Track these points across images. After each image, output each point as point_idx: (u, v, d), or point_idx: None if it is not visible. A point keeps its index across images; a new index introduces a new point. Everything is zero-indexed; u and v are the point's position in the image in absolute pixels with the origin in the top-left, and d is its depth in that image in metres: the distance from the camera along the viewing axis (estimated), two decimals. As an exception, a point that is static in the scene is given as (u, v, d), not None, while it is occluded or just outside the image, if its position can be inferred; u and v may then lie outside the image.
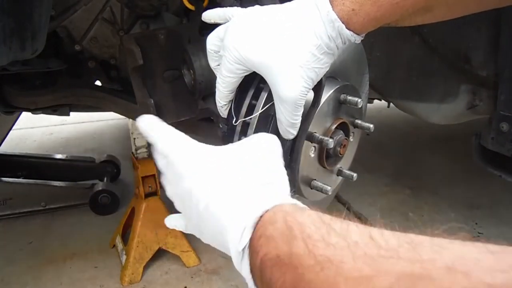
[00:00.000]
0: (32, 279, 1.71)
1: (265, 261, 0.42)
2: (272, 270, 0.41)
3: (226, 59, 0.62)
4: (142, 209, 1.72)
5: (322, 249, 0.38)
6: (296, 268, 0.38)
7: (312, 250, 0.38)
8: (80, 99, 1.39)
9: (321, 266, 0.36)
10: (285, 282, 0.39)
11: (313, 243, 0.38)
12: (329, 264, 0.36)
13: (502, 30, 1.31)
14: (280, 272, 0.40)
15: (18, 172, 2.20)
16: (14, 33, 0.85)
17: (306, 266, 0.38)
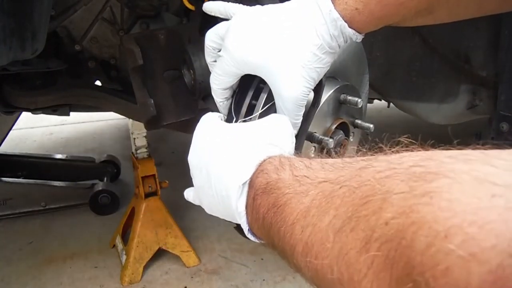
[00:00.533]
0: (32, 279, 1.71)
1: (257, 190, 0.49)
2: (261, 196, 0.48)
3: (224, 61, 0.63)
4: (142, 209, 1.72)
5: (303, 171, 0.46)
6: (279, 188, 0.46)
7: (295, 174, 0.46)
8: (80, 99, 1.39)
9: (299, 183, 0.45)
10: (268, 203, 0.47)
11: (296, 170, 0.47)
12: (305, 178, 0.45)
13: (502, 30, 1.31)
14: (266, 196, 0.47)
15: (18, 172, 2.20)
16: (14, 33, 0.85)
17: (288, 185, 0.46)
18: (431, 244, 0.27)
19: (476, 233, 0.26)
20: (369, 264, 0.33)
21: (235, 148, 0.55)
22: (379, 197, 0.34)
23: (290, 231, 0.43)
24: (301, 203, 0.43)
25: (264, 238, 0.50)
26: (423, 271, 0.28)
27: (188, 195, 0.67)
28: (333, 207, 0.38)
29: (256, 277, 1.72)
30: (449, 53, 1.49)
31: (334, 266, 0.36)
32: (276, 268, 1.77)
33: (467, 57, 1.45)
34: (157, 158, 2.02)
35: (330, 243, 0.37)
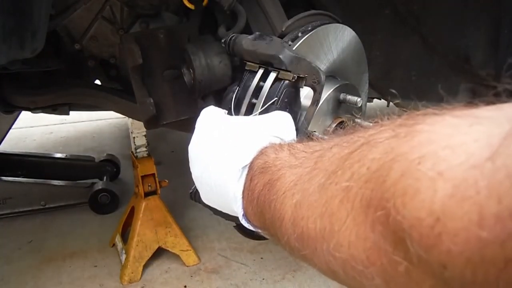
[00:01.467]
0: (32, 278, 1.71)
1: (255, 171, 0.50)
2: (258, 176, 0.49)
3: None
4: (141, 208, 1.72)
5: (300, 148, 0.47)
6: (276, 166, 0.47)
7: (292, 153, 0.47)
8: (80, 98, 1.39)
9: (295, 157, 0.46)
10: (264, 181, 0.47)
11: (294, 148, 0.48)
12: (302, 153, 0.46)
13: (502, 30, 1.31)
14: (263, 175, 0.48)
15: (17, 171, 2.20)
16: (13, 32, 0.85)
17: (284, 161, 0.46)
18: (404, 173, 0.27)
19: (448, 154, 0.26)
20: (348, 210, 0.33)
21: (238, 137, 0.55)
22: (365, 147, 0.34)
23: (281, 201, 0.43)
24: (294, 174, 0.43)
25: (257, 221, 0.50)
26: (394, 198, 0.28)
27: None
28: (322, 168, 0.39)
29: (255, 276, 1.72)
30: (449, 52, 1.49)
31: (318, 221, 0.36)
32: (276, 267, 1.77)
33: (467, 56, 1.45)
34: (157, 157, 2.02)
35: (316, 200, 0.37)
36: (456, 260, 0.24)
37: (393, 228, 0.28)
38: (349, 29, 0.85)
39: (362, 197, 0.31)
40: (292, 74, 0.67)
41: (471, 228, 0.24)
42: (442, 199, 0.25)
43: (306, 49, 0.76)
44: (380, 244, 0.30)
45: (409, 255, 0.27)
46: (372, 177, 0.31)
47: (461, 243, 0.24)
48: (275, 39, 0.70)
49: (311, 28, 0.78)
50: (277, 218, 0.43)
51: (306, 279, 1.69)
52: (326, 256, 0.35)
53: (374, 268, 0.31)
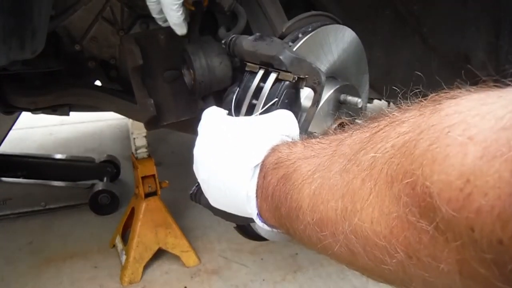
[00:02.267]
0: (32, 279, 1.71)
1: (268, 168, 0.49)
2: (271, 173, 0.48)
3: None
4: (142, 209, 1.72)
5: (316, 141, 0.46)
6: (290, 160, 0.46)
7: (307, 146, 0.47)
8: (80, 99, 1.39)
9: (311, 149, 0.45)
10: (278, 177, 0.47)
11: (308, 142, 0.47)
12: (318, 144, 0.45)
13: (502, 30, 1.31)
14: (276, 171, 0.47)
15: (18, 172, 2.20)
16: (14, 33, 0.85)
17: (299, 154, 0.46)
18: (433, 142, 0.27)
19: (477, 121, 0.26)
20: (372, 187, 0.32)
21: (247, 136, 0.54)
22: (388, 127, 0.34)
23: (298, 191, 0.42)
24: (311, 164, 0.43)
25: (272, 217, 0.49)
26: (422, 165, 0.27)
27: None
28: (342, 153, 0.38)
29: (256, 277, 1.72)
30: (449, 53, 1.49)
31: (339, 202, 0.36)
32: (276, 268, 1.77)
33: (467, 57, 1.45)
34: (157, 158, 2.02)
35: (337, 183, 0.37)
36: (487, 219, 0.24)
37: (420, 196, 0.28)
38: (349, 30, 0.85)
39: (387, 172, 0.31)
40: (292, 75, 0.66)
41: (501, 185, 0.23)
42: (473, 160, 0.25)
43: (307, 50, 0.76)
44: (405, 215, 0.29)
45: (436, 222, 0.27)
46: (397, 152, 0.30)
47: (491, 201, 0.24)
48: (276, 40, 0.70)
49: (312, 29, 0.78)
50: (293, 208, 0.43)
51: (307, 279, 1.69)
52: (347, 237, 0.35)
53: (397, 242, 0.30)
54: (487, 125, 0.25)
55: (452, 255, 0.27)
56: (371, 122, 0.39)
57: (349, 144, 0.38)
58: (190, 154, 0.64)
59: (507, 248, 0.23)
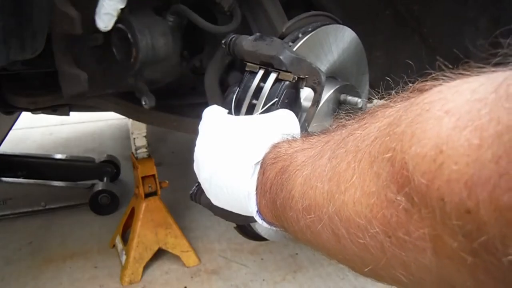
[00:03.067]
0: (32, 279, 1.71)
1: (267, 163, 0.49)
2: (270, 167, 0.49)
3: None
4: (142, 209, 1.72)
5: (313, 138, 0.47)
6: (288, 154, 0.47)
7: (305, 140, 0.48)
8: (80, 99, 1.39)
9: (308, 143, 0.46)
10: (276, 171, 0.47)
11: (307, 137, 0.48)
12: (315, 137, 0.46)
13: (502, 30, 1.31)
14: (275, 165, 0.48)
15: (18, 172, 2.20)
16: (14, 33, 0.85)
17: (299, 148, 0.46)
18: (414, 119, 0.28)
19: (456, 96, 0.27)
20: (355, 169, 0.33)
21: (248, 135, 0.55)
22: (378, 113, 0.34)
23: (292, 179, 0.43)
24: (305, 155, 0.44)
25: (269, 213, 0.49)
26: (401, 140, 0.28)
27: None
28: (332, 143, 0.39)
29: (256, 277, 1.72)
30: (449, 53, 1.49)
31: (325, 186, 0.36)
32: (276, 268, 1.77)
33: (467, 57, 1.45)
34: (157, 158, 2.02)
35: (325, 169, 0.37)
36: (455, 188, 0.24)
37: (398, 171, 0.28)
38: (349, 30, 0.85)
39: (370, 152, 0.31)
40: (292, 75, 0.67)
41: (470, 153, 0.24)
42: (446, 131, 0.25)
43: (307, 50, 0.76)
44: (384, 192, 0.30)
45: (412, 197, 0.27)
46: (381, 134, 0.31)
47: (460, 169, 0.24)
48: (276, 40, 0.70)
49: (312, 29, 0.78)
50: (287, 198, 0.43)
51: (307, 280, 1.69)
52: (331, 219, 0.35)
53: (376, 221, 0.31)
54: (463, 98, 0.26)
55: (426, 230, 0.27)
56: (366, 113, 0.40)
57: (340, 133, 0.39)
58: (190, 154, 0.64)
59: (474, 216, 0.23)
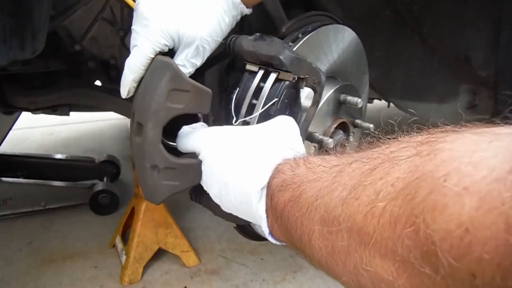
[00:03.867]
0: (32, 279, 1.71)
1: (274, 190, 0.50)
2: (278, 194, 0.49)
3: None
4: (142, 209, 1.72)
5: (317, 163, 0.47)
6: (295, 183, 0.47)
7: (310, 168, 0.48)
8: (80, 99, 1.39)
9: (313, 172, 0.46)
10: (285, 199, 0.48)
11: (311, 163, 0.48)
12: (320, 167, 0.46)
13: (502, 30, 1.31)
14: (282, 193, 0.49)
15: (18, 172, 2.20)
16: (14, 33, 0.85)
17: (302, 178, 0.47)
18: (432, 190, 0.29)
19: (471, 170, 0.28)
20: (375, 226, 0.34)
21: (251, 156, 0.55)
22: (387, 164, 0.35)
23: (306, 216, 0.44)
24: (313, 188, 0.44)
25: (283, 236, 0.51)
26: (424, 216, 0.29)
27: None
28: (341, 182, 0.40)
29: (256, 277, 1.72)
30: (449, 53, 1.49)
31: (345, 235, 0.38)
32: (276, 268, 1.77)
33: (467, 57, 1.45)
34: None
35: (339, 212, 0.38)
36: (487, 268, 0.26)
37: (422, 242, 0.30)
38: (349, 30, 0.85)
39: (391, 214, 0.33)
40: (292, 75, 0.67)
41: (499, 236, 0.25)
42: (470, 211, 0.27)
43: (307, 50, 0.76)
44: (408, 258, 0.31)
45: (437, 267, 0.29)
46: (398, 195, 0.32)
47: (491, 251, 0.26)
48: (276, 40, 0.70)
49: (312, 29, 0.78)
50: (305, 234, 0.44)
51: (307, 280, 1.69)
52: (357, 270, 0.37)
53: (401, 280, 0.33)
54: (479, 175, 0.27)
55: None
56: (369, 151, 0.41)
57: (348, 174, 0.40)
58: (190, 154, 0.64)
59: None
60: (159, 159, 0.61)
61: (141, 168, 0.63)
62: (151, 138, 0.60)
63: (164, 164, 0.62)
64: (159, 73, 0.61)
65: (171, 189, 0.63)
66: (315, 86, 0.68)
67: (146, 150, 0.61)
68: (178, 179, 0.63)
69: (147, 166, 0.61)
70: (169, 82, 0.59)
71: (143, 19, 0.63)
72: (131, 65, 0.64)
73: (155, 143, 0.60)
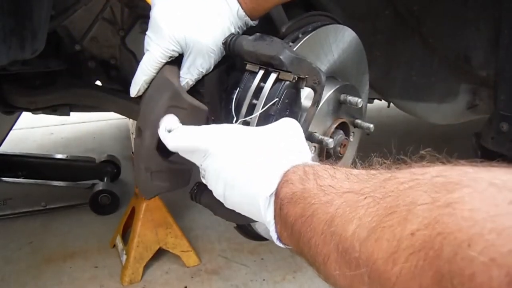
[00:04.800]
0: (32, 279, 1.71)
1: (283, 199, 0.50)
2: (288, 206, 0.49)
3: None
4: (142, 209, 1.72)
5: (327, 181, 0.47)
6: (305, 198, 0.47)
7: (319, 184, 0.48)
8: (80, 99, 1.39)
9: (324, 192, 0.46)
10: (296, 213, 0.48)
11: (321, 180, 0.48)
12: (330, 188, 0.46)
13: (502, 30, 1.31)
14: (293, 207, 0.49)
15: (18, 172, 2.20)
16: (14, 33, 0.85)
17: (313, 194, 0.47)
18: (457, 253, 0.30)
19: (495, 239, 0.28)
20: (397, 274, 0.35)
21: (258, 159, 0.55)
22: (404, 208, 0.36)
23: (321, 241, 0.44)
24: (326, 213, 0.44)
25: (294, 246, 0.52)
26: (451, 278, 0.30)
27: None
28: (357, 217, 0.40)
29: (256, 277, 1.72)
30: (449, 53, 1.49)
31: (364, 275, 0.38)
32: (276, 268, 1.77)
33: (467, 57, 1.45)
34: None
35: (357, 253, 0.39)
36: None
37: None
38: (349, 30, 0.85)
39: (415, 266, 0.33)
40: (292, 75, 0.67)
41: None
42: (499, 285, 0.28)
43: (307, 50, 0.76)
44: None
45: None
46: (421, 249, 0.33)
47: None
48: (276, 40, 0.70)
49: (312, 29, 0.78)
50: (320, 256, 0.45)
51: (307, 280, 1.69)
52: None
53: None
54: (505, 247, 0.28)
55: None
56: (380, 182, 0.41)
57: (365, 210, 0.40)
58: (190, 154, 0.64)
59: None
60: (153, 163, 0.70)
61: (137, 167, 0.72)
62: (147, 144, 0.68)
63: (156, 168, 0.70)
64: (162, 88, 0.69)
65: (160, 189, 0.73)
66: (315, 86, 0.68)
67: (142, 154, 0.69)
68: (168, 181, 0.72)
69: (142, 167, 0.70)
70: (169, 99, 0.67)
71: (156, 26, 0.69)
72: (143, 67, 0.71)
73: (151, 149, 0.68)
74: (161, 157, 0.69)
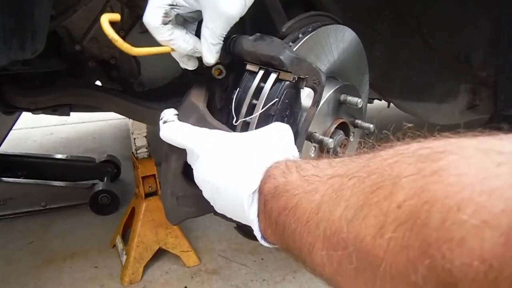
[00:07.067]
0: (32, 279, 1.71)
1: (267, 195, 0.50)
2: (271, 201, 0.49)
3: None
4: (142, 209, 1.72)
5: (311, 171, 0.46)
6: (288, 191, 0.47)
7: (302, 175, 0.47)
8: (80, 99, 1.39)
9: (308, 182, 0.45)
10: (279, 207, 0.47)
11: (304, 171, 0.47)
12: (314, 177, 0.45)
13: (502, 30, 1.31)
14: (276, 201, 0.48)
15: (18, 172, 2.20)
16: (14, 33, 0.85)
17: (296, 186, 0.46)
18: (445, 219, 0.28)
19: (486, 201, 0.27)
20: (385, 248, 0.33)
21: (241, 160, 0.55)
22: (389, 182, 0.34)
23: (306, 230, 0.43)
24: (312, 201, 0.43)
25: (278, 242, 0.51)
26: (439, 245, 0.29)
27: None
28: (343, 199, 0.39)
29: (256, 277, 1.72)
30: (449, 53, 1.49)
31: (352, 255, 0.37)
32: (276, 268, 1.77)
33: (467, 57, 1.45)
34: (157, 158, 2.02)
35: (345, 233, 0.37)
36: None
37: (440, 273, 0.29)
38: (349, 30, 0.85)
39: (402, 238, 0.32)
40: (292, 75, 0.67)
41: None
42: (493, 247, 0.26)
43: (307, 50, 0.76)
44: (423, 286, 0.31)
45: None
46: (407, 219, 0.32)
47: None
48: (276, 40, 0.70)
49: (312, 29, 0.78)
50: (305, 246, 0.44)
51: (307, 280, 1.69)
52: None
53: None
54: (497, 208, 0.26)
55: None
56: (364, 162, 0.39)
57: (350, 190, 0.39)
58: (190, 154, 0.64)
59: None
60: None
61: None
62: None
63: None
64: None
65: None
66: (315, 86, 0.68)
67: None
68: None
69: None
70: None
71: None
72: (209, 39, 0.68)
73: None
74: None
